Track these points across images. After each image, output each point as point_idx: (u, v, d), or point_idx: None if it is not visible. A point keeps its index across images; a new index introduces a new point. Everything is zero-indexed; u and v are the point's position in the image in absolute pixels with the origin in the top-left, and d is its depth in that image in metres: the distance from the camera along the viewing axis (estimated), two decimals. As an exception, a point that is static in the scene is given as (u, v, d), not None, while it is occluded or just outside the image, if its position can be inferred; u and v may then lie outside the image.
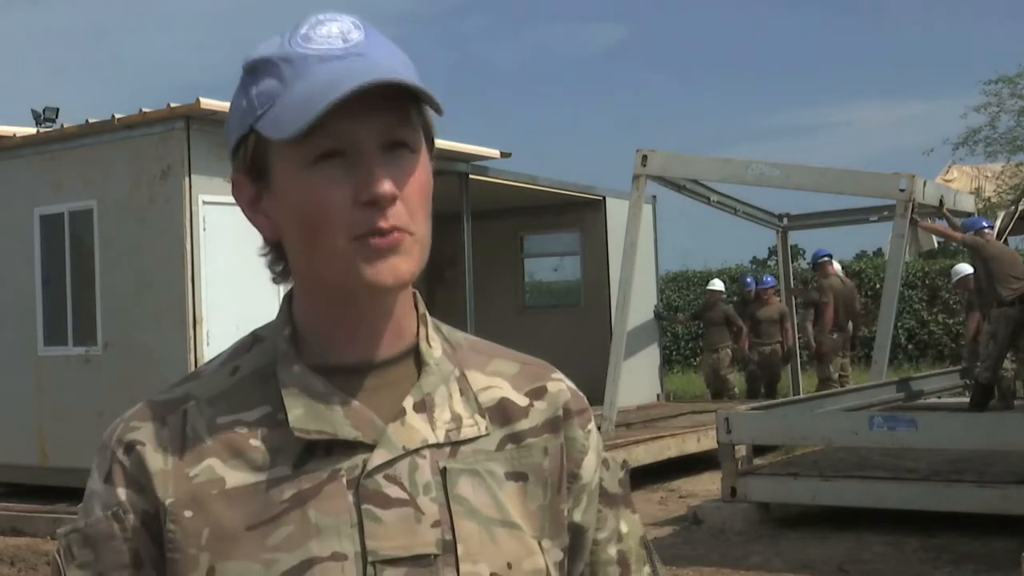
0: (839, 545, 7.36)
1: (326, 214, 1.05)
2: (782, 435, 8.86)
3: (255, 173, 1.10)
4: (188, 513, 1.06)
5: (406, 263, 1.06)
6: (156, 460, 1.08)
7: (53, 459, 9.55)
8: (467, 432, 1.12)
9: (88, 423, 8.81)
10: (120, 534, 1.08)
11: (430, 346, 1.15)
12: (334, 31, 1.07)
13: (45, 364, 9.80)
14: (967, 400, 11.18)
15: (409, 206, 1.06)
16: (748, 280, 15.62)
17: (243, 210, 1.13)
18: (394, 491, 1.07)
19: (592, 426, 1.22)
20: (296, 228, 1.08)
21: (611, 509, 1.22)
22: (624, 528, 1.23)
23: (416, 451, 1.08)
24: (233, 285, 8.89)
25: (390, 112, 1.05)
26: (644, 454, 10.05)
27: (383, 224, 1.04)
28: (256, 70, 1.08)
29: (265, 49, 1.08)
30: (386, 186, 1.04)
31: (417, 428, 1.09)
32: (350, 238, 1.04)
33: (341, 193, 1.04)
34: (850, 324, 13.94)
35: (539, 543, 1.12)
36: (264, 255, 1.14)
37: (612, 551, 1.22)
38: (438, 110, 1.08)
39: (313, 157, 1.05)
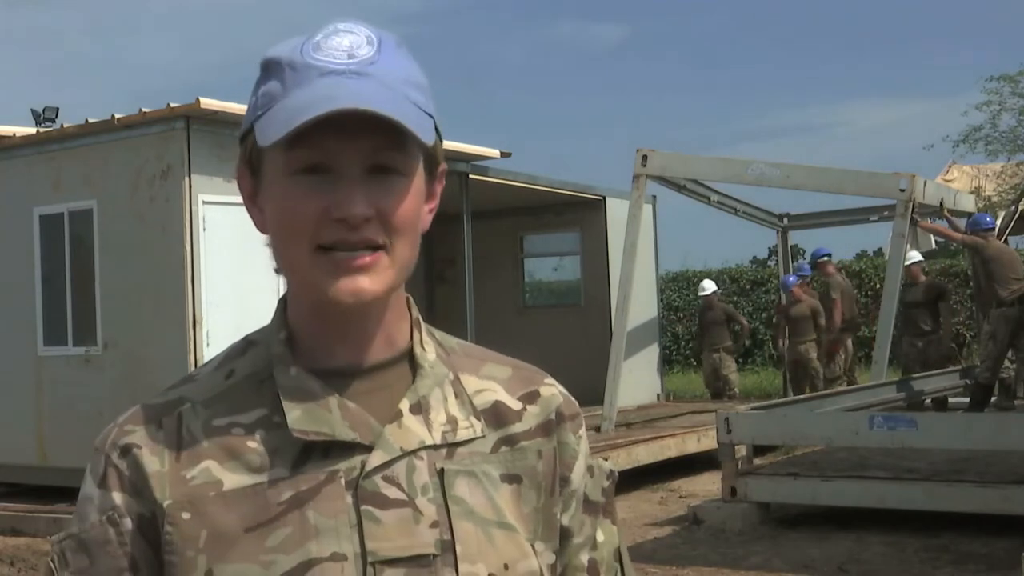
0: (839, 545, 7.35)
1: (295, 224, 1.06)
2: (782, 435, 8.86)
3: (253, 168, 1.12)
4: (186, 515, 1.06)
5: (373, 283, 1.06)
6: (153, 462, 1.08)
7: (53, 459, 9.55)
8: (463, 434, 1.12)
9: (88, 423, 8.80)
10: (116, 539, 1.08)
11: (424, 350, 1.15)
12: (344, 44, 1.07)
13: (45, 364, 9.80)
14: (967, 400, 11.19)
15: (389, 226, 1.06)
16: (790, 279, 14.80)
17: (243, 200, 1.15)
18: (392, 492, 1.07)
19: (583, 432, 1.22)
20: (273, 232, 1.10)
21: (589, 516, 1.22)
22: (600, 537, 1.23)
23: (413, 452, 1.09)
24: (233, 285, 8.89)
25: (381, 135, 1.04)
26: (644, 454, 10.05)
27: (352, 237, 1.05)
28: (267, 70, 1.10)
29: (279, 51, 1.09)
30: (359, 207, 1.04)
31: (414, 430, 1.10)
32: (313, 247, 1.05)
33: (314, 206, 1.05)
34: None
35: (532, 545, 1.13)
36: (269, 245, 1.15)
37: (584, 558, 1.21)
38: (422, 144, 1.07)
39: (296, 168, 1.05)
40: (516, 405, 1.17)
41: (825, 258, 14.03)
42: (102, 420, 1.16)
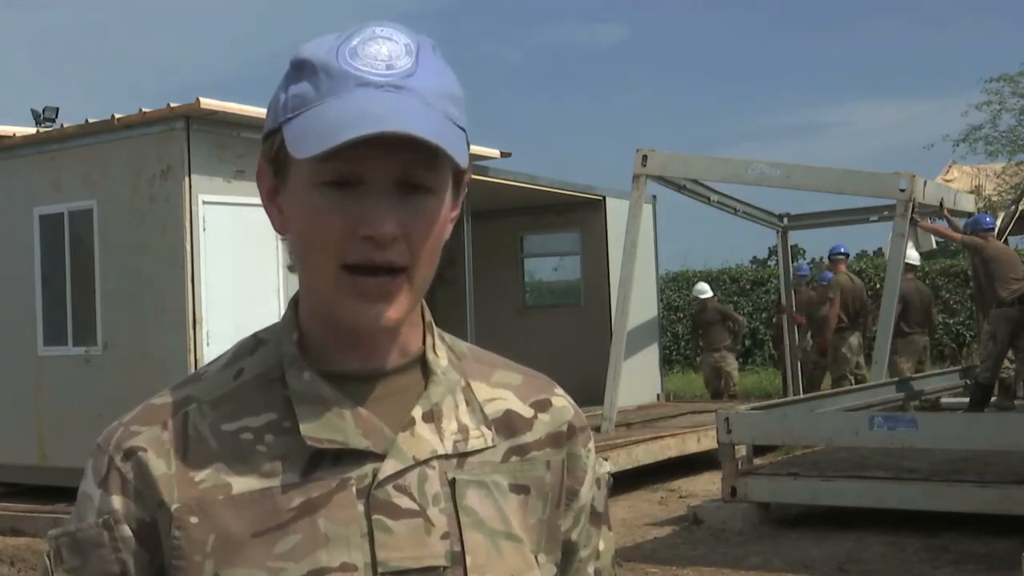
0: (839, 545, 7.35)
1: (320, 240, 1.04)
2: (782, 435, 8.85)
3: (276, 167, 1.09)
4: (194, 520, 1.04)
5: (393, 311, 1.05)
6: (159, 465, 1.07)
7: (52, 459, 9.54)
8: (474, 443, 1.11)
9: (88, 423, 8.79)
10: (109, 543, 1.06)
11: (436, 355, 1.14)
12: (382, 53, 1.04)
13: (45, 364, 9.79)
14: (967, 400, 11.18)
15: (413, 245, 1.05)
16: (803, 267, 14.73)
17: (261, 197, 1.13)
18: (404, 502, 1.06)
19: (591, 444, 1.22)
20: (295, 239, 1.08)
21: (595, 528, 1.23)
22: (601, 546, 1.24)
23: (425, 462, 1.08)
24: (233, 285, 8.88)
25: (414, 152, 1.01)
26: (644, 454, 10.05)
27: (377, 258, 1.03)
28: (300, 69, 1.06)
29: (313, 51, 1.06)
30: (388, 226, 1.02)
31: (426, 438, 1.09)
32: (339, 265, 1.03)
33: (341, 221, 1.03)
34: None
35: (536, 557, 1.12)
36: (283, 240, 1.13)
37: (591, 569, 1.23)
38: (458, 166, 1.05)
39: (325, 179, 1.03)
40: (527, 412, 1.17)
41: (839, 256, 14.08)
42: (102, 420, 1.15)
